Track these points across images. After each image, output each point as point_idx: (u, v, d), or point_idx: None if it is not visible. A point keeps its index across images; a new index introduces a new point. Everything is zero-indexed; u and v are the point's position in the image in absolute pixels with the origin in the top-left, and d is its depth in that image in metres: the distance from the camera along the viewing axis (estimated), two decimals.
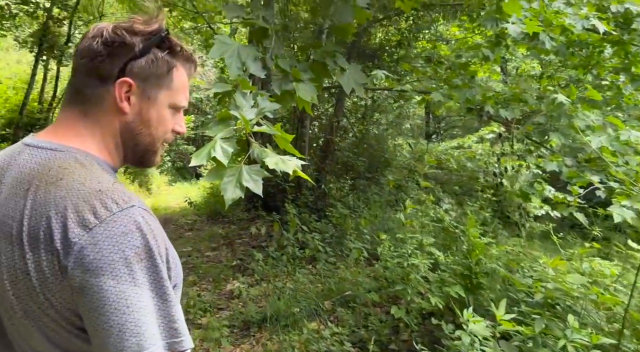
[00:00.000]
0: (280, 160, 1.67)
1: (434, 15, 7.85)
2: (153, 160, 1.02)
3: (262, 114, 1.81)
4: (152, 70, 0.92)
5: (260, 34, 2.17)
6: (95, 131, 0.91)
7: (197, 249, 6.78)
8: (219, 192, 9.85)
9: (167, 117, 0.97)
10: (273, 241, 6.05)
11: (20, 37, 9.38)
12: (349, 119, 8.82)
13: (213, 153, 1.61)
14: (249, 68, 1.96)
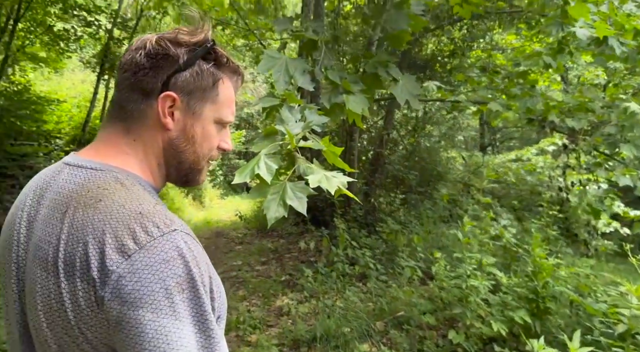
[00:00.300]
0: (324, 178, 1.56)
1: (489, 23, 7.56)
2: (197, 179, 0.95)
3: (309, 128, 1.71)
4: (197, 84, 0.86)
5: (310, 46, 2.09)
6: (138, 149, 0.86)
7: (247, 263, 6.78)
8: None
9: (213, 133, 0.91)
10: (322, 257, 5.93)
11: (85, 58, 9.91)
12: (399, 131, 8.63)
13: (257, 170, 1.53)
14: (297, 81, 1.88)
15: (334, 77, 1.97)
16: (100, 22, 8.51)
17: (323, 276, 5.18)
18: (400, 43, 2.20)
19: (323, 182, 1.56)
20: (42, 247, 0.75)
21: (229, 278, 6.08)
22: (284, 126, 1.64)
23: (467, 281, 3.27)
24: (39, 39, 8.67)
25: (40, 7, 8.00)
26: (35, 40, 8.71)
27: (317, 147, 1.67)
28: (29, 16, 8.05)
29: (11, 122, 8.12)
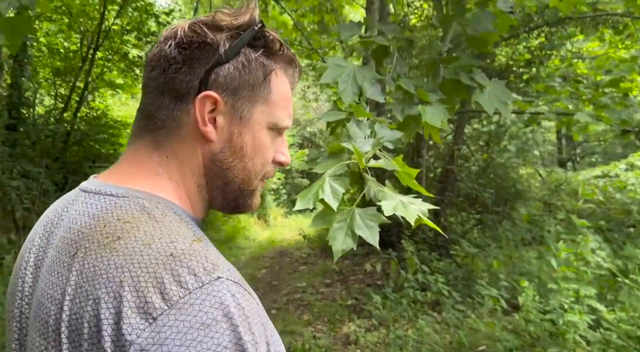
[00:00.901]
0: (400, 205, 1.32)
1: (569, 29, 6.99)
2: (250, 204, 0.75)
3: (380, 145, 1.48)
4: (243, 79, 0.67)
5: (380, 53, 1.86)
6: (172, 167, 0.67)
7: (311, 285, 6.58)
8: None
9: (266, 142, 0.72)
10: (390, 280, 5.59)
11: None
12: (469, 146, 8.15)
13: (321, 194, 1.31)
14: (365, 92, 1.66)
15: (407, 85, 1.73)
16: None
17: (392, 302, 4.85)
18: (484, 46, 1.93)
19: (399, 210, 1.32)
20: (44, 304, 0.57)
21: (294, 300, 5.90)
22: (351, 143, 1.41)
23: (563, 316, 2.84)
24: (116, 66, 9.15)
25: (117, 36, 8.44)
26: (112, 68, 9.20)
27: (390, 168, 1.44)
28: (107, 45, 8.51)
29: (90, 146, 8.56)
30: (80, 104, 8.33)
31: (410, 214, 1.32)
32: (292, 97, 0.76)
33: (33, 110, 8.04)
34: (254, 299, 0.57)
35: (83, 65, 8.05)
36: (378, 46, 1.81)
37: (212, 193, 0.71)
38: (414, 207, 1.35)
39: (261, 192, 0.78)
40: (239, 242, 10.12)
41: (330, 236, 1.33)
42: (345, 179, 1.36)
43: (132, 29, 8.44)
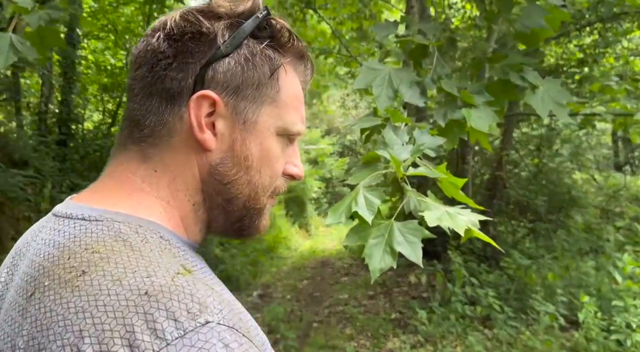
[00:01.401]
0: (446, 215, 1.16)
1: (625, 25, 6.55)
2: (257, 226, 0.63)
3: (419, 152, 1.33)
4: (247, 75, 0.56)
5: (419, 53, 1.72)
6: (161, 184, 0.56)
7: (353, 297, 6.41)
8: None
9: (276, 151, 0.61)
10: (436, 293, 5.34)
11: None
12: (519, 151, 7.76)
13: (354, 207, 1.18)
14: (403, 96, 1.51)
15: (450, 87, 1.57)
16: None
17: (438, 316, 4.61)
18: (535, 42, 1.74)
19: (445, 221, 1.17)
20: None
21: (335, 313, 5.75)
22: (387, 151, 1.27)
23: (631, 336, 2.56)
24: None
25: None
26: None
27: (432, 176, 1.28)
28: None
29: None
30: None
31: (458, 225, 1.16)
32: (304, 99, 0.65)
33: (82, 125, 8.33)
34: (256, 348, 0.44)
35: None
36: (416, 46, 1.66)
37: (212, 213, 0.60)
38: (462, 218, 1.19)
39: (271, 211, 0.66)
40: (281, 252, 10.07)
41: (367, 254, 1.20)
42: (381, 190, 1.22)
43: None
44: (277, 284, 7.53)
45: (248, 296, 6.70)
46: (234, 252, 8.18)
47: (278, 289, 7.19)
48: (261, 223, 0.63)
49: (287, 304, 6.22)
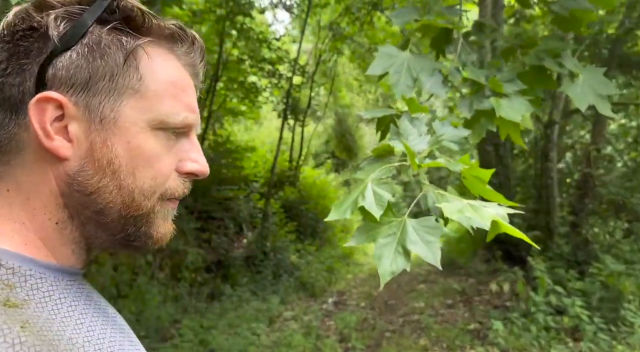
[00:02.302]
0: (469, 208, 1.02)
1: None
2: (150, 234, 0.55)
3: (439, 144, 1.19)
4: (95, 66, 0.50)
5: (442, 39, 1.57)
6: (14, 204, 0.50)
7: (430, 305, 6.13)
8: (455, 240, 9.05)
9: (153, 148, 0.53)
10: (520, 302, 4.93)
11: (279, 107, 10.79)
12: (615, 145, 7.00)
13: (361, 201, 1.07)
14: (422, 85, 1.38)
15: (476, 75, 1.41)
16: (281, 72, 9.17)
17: (519, 327, 4.24)
18: (576, 26, 1.52)
19: (467, 213, 1.01)
20: None
21: (410, 322, 5.53)
22: (400, 140, 1.15)
23: None
24: (235, 94, 9.76)
25: (234, 66, 9.00)
26: (232, 96, 9.83)
27: (452, 168, 1.14)
28: (226, 75, 9.13)
29: (216, 171, 9.18)
30: (205, 132, 9.00)
31: (483, 217, 1.00)
32: (193, 83, 0.57)
33: None
34: None
35: (207, 97, 8.71)
36: (439, 32, 1.52)
37: (86, 229, 0.53)
38: (487, 210, 1.03)
39: (172, 217, 0.58)
40: (357, 259, 9.97)
41: (376, 255, 1.08)
42: (393, 183, 1.11)
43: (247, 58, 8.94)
44: (352, 291, 7.43)
45: (323, 303, 6.68)
46: (309, 259, 8.22)
47: (353, 296, 7.09)
48: (154, 231, 0.55)
49: (360, 312, 6.10)
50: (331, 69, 11.38)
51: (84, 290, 0.55)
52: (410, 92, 1.32)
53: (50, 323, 0.45)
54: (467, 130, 1.22)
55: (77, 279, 0.55)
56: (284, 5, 9.20)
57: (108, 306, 0.60)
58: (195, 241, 7.26)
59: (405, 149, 1.12)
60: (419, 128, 1.22)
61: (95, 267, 5.27)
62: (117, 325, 0.58)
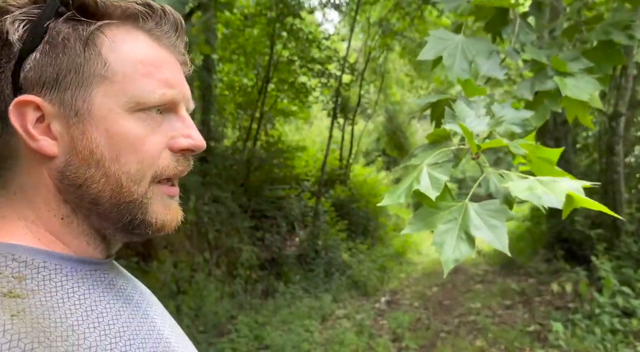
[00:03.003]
0: (537, 183, 0.97)
1: None
2: (147, 221, 0.56)
3: (499, 125, 1.15)
4: (59, 61, 0.51)
5: (498, 21, 1.51)
6: (22, 206, 0.54)
7: (487, 306, 5.93)
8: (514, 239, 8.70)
9: (135, 131, 0.53)
10: (583, 303, 4.68)
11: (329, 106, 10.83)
12: None
13: (416, 185, 1.05)
14: (479, 68, 1.33)
15: (538, 55, 1.34)
16: (330, 71, 9.19)
17: (583, 330, 4.03)
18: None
19: (536, 189, 0.96)
20: None
21: (466, 323, 5.37)
22: (457, 123, 1.12)
23: None
24: (286, 95, 9.89)
25: (284, 67, 9.13)
26: (283, 97, 9.97)
27: (515, 149, 1.09)
28: (277, 76, 9.27)
29: (268, 170, 9.34)
30: (257, 133, 9.18)
31: (556, 192, 0.95)
32: (173, 58, 0.57)
33: (221, 142, 9.13)
34: None
35: (259, 98, 8.88)
36: (495, 13, 1.46)
37: (92, 220, 0.55)
38: (560, 184, 0.97)
39: (177, 202, 0.59)
40: (410, 258, 9.82)
41: (436, 241, 1.06)
42: (449, 166, 1.08)
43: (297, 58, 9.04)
44: (405, 291, 7.33)
45: (375, 302, 6.62)
46: (361, 258, 8.19)
47: (406, 296, 6.99)
48: (151, 218, 0.56)
49: (414, 312, 6.01)
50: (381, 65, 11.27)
51: (105, 278, 0.57)
52: (465, 76, 1.28)
53: (51, 311, 0.47)
54: (530, 112, 1.16)
55: (99, 269, 0.57)
56: (333, 4, 9.21)
57: (135, 292, 0.62)
58: (249, 239, 7.42)
59: (462, 130, 1.08)
60: (476, 110, 1.18)
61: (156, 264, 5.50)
62: (140, 310, 0.59)
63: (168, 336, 0.61)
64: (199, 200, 7.23)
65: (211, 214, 7.20)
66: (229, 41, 8.74)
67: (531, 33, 1.44)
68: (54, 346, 0.44)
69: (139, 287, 0.66)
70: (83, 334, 0.48)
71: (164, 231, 0.57)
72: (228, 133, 9.96)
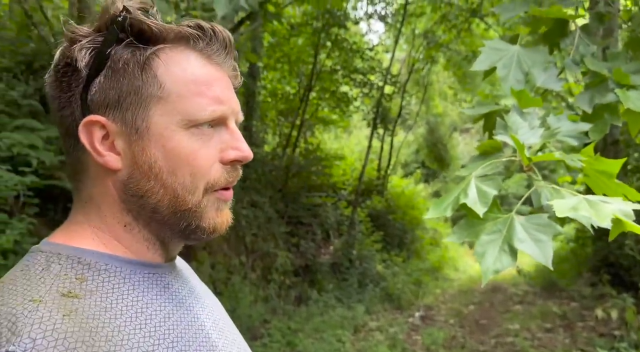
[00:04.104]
0: (585, 203, 0.95)
1: None
2: (202, 227, 0.61)
3: (553, 137, 1.12)
4: (121, 84, 0.56)
5: (556, 32, 1.47)
6: (91, 213, 0.60)
7: (526, 328, 5.73)
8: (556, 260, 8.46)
9: (190, 146, 0.58)
10: (630, 332, 4.45)
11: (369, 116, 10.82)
12: None
13: (463, 198, 1.04)
14: (535, 79, 1.31)
15: (599, 67, 1.31)
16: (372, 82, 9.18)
17: None
18: None
19: (582, 210, 0.94)
20: None
21: (504, 344, 5.21)
22: (509, 134, 1.10)
23: None
24: (327, 103, 9.95)
25: (326, 76, 9.20)
26: (324, 105, 10.03)
27: (571, 162, 1.07)
28: (319, 85, 9.35)
29: (306, 177, 9.40)
30: (297, 140, 9.27)
31: (602, 215, 0.92)
32: (224, 74, 0.61)
33: (261, 148, 9.27)
34: None
35: (301, 106, 8.98)
36: (553, 24, 1.43)
37: (152, 227, 0.60)
38: (608, 206, 0.94)
39: (228, 207, 0.63)
40: (447, 273, 9.61)
41: (477, 251, 1.04)
42: (499, 179, 1.06)
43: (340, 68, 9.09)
44: (441, 307, 7.18)
45: (409, 317, 6.52)
46: (396, 270, 8.09)
47: (441, 312, 6.85)
48: (205, 223, 0.60)
49: (449, 329, 5.87)
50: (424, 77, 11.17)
51: (161, 281, 0.61)
52: (519, 87, 1.26)
53: (103, 312, 0.51)
54: (587, 124, 1.13)
55: (157, 272, 0.61)
56: (378, 15, 9.23)
57: (190, 295, 0.66)
58: (284, 245, 7.47)
59: (514, 141, 1.07)
60: (530, 122, 1.16)
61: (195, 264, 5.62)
62: (190, 313, 0.62)
63: (216, 339, 0.64)
64: (237, 204, 7.34)
65: (249, 218, 7.29)
66: (274, 49, 8.89)
67: (591, 45, 1.41)
68: (97, 345, 0.48)
69: (196, 289, 0.69)
70: (128, 334, 0.52)
71: (216, 234, 0.61)
72: (269, 139, 10.10)
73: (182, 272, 0.69)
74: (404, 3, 8.86)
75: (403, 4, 8.90)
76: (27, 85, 4.49)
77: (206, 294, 0.73)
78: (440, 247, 10.13)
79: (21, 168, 3.58)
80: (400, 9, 9.16)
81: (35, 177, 3.56)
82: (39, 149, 3.77)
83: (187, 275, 0.70)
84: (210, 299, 0.72)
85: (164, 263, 0.63)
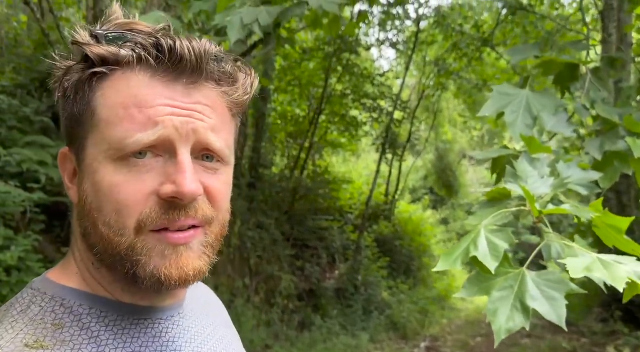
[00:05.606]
0: (599, 263, 0.92)
1: None
2: (139, 276, 0.50)
3: (564, 187, 1.10)
4: (68, 116, 0.54)
5: (567, 76, 1.46)
6: (74, 248, 0.57)
7: None
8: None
9: (113, 180, 0.49)
10: None
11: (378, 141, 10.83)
12: None
13: (473, 251, 1.01)
14: (544, 124, 1.29)
15: (609, 113, 1.29)
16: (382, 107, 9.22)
17: None
18: None
19: (597, 271, 0.92)
20: None
21: None
22: (518, 183, 1.08)
23: None
24: (336, 127, 9.99)
25: (337, 100, 9.25)
26: (333, 129, 10.07)
27: (581, 215, 1.04)
28: (329, 109, 9.40)
29: (313, 200, 9.38)
30: (305, 163, 9.28)
31: (616, 277, 0.90)
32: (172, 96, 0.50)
33: (269, 170, 9.28)
34: None
35: (310, 129, 9.02)
36: (564, 68, 1.42)
37: (110, 269, 0.53)
38: (622, 267, 0.92)
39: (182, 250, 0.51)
40: (454, 303, 9.44)
41: (490, 309, 1.01)
42: (509, 232, 1.03)
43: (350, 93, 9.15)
44: (447, 338, 7.03)
45: (414, 347, 6.39)
46: (402, 298, 7.96)
47: (447, 344, 6.70)
48: (146, 272, 0.49)
49: None
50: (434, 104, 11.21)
51: (152, 329, 0.55)
52: (528, 132, 1.25)
53: None
54: (598, 173, 1.11)
55: (150, 317, 0.55)
56: (390, 42, 9.32)
57: (190, 344, 0.58)
58: (289, 268, 7.40)
59: (524, 192, 1.04)
60: (539, 170, 1.14)
61: None
62: None
63: None
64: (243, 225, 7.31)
65: (254, 239, 7.25)
66: (285, 73, 8.99)
67: (603, 90, 1.39)
68: None
69: (202, 334, 0.61)
70: None
71: (165, 286, 0.50)
72: (277, 161, 10.12)
73: (188, 315, 0.61)
74: (415, 31, 8.95)
75: (415, 32, 8.99)
76: (41, 102, 4.57)
77: (221, 339, 0.64)
78: (447, 275, 9.98)
79: (30, 185, 3.60)
80: (412, 36, 9.26)
81: (43, 194, 3.58)
82: (48, 166, 3.80)
83: (196, 317, 0.62)
84: (223, 342, 0.64)
85: (159, 306, 0.56)
